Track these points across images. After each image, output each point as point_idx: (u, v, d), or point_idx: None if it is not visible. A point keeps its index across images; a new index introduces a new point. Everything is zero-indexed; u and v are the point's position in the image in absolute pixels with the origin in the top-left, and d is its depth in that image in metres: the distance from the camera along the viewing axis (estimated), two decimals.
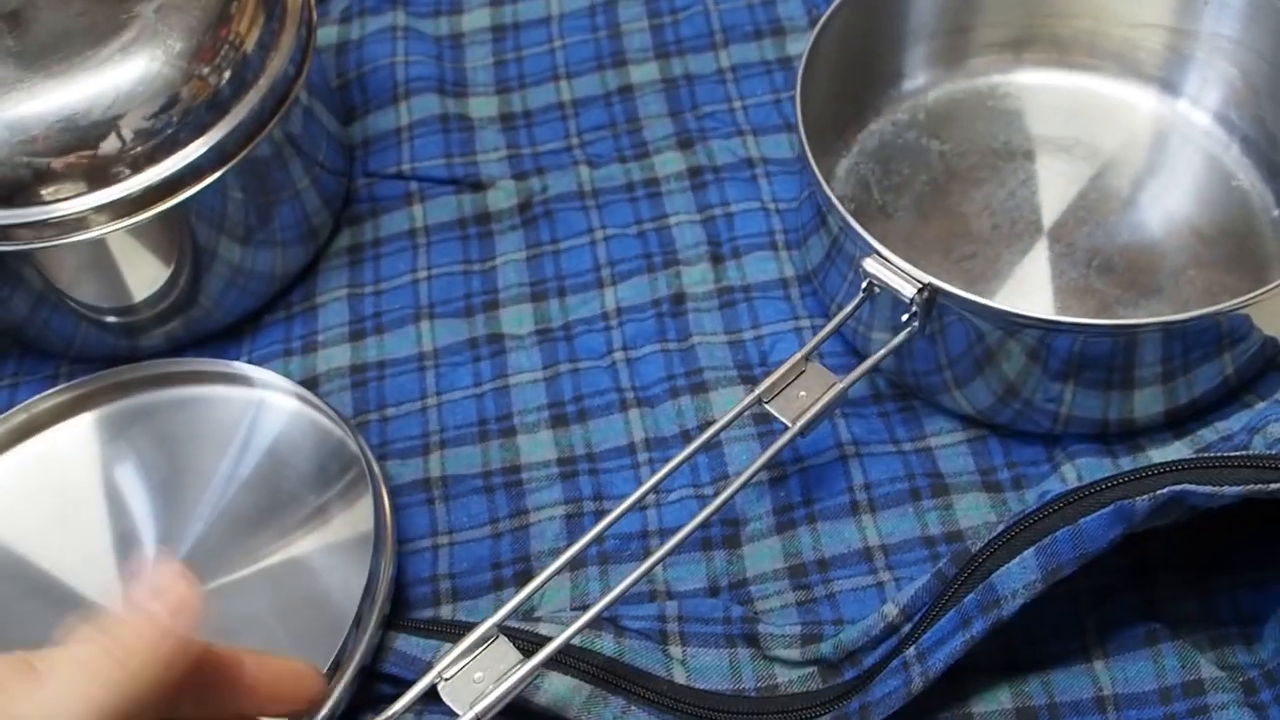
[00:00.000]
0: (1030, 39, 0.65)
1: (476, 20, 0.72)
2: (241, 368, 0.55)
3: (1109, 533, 0.41)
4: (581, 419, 0.55)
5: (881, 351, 0.50)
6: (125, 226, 0.53)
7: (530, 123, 0.66)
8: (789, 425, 0.48)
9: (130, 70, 0.51)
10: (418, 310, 0.59)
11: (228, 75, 0.54)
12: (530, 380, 0.57)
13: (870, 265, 0.50)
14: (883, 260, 0.49)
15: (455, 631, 0.47)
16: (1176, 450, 0.53)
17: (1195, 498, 0.41)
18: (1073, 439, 0.53)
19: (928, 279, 0.48)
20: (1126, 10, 0.62)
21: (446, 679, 0.42)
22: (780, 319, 0.58)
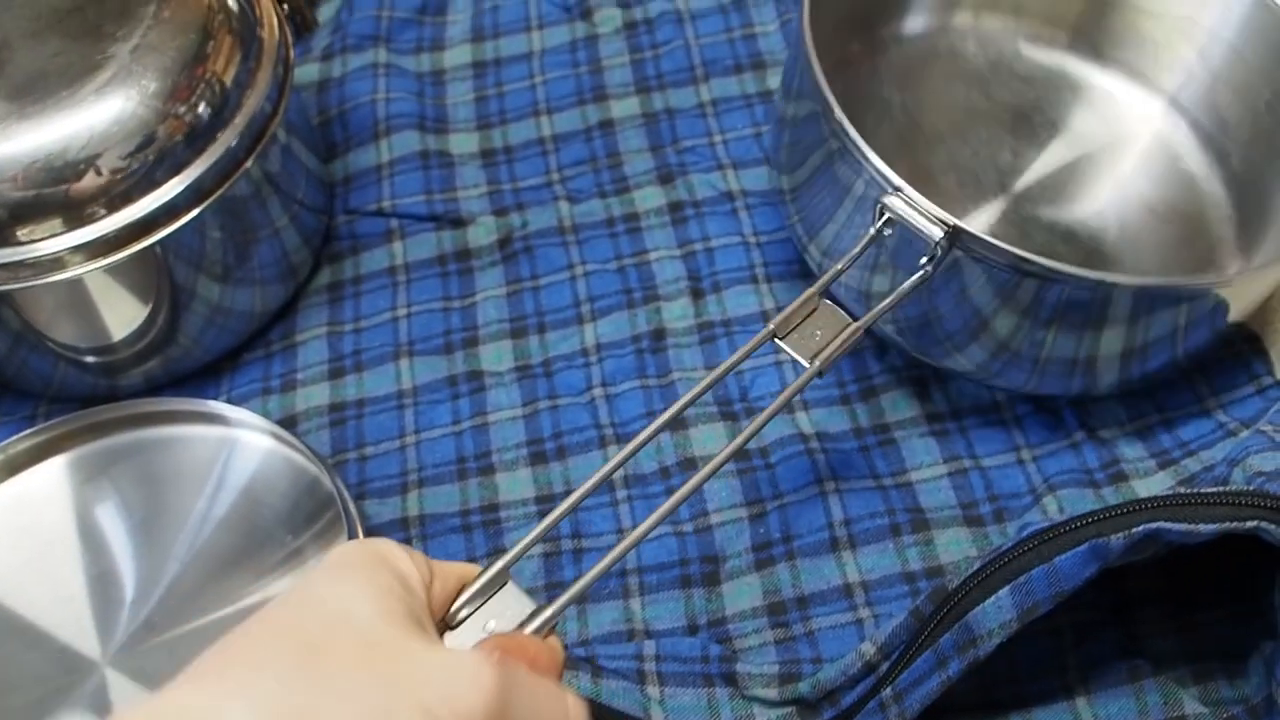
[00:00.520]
0: (993, 5, 0.66)
1: (458, 56, 0.72)
2: (217, 407, 0.55)
3: (1084, 570, 0.41)
4: (561, 456, 0.55)
5: (895, 294, 0.48)
6: (102, 266, 0.52)
7: (511, 158, 0.66)
8: (806, 364, 0.46)
9: (106, 110, 0.51)
10: (397, 348, 0.59)
11: (204, 114, 0.54)
12: (509, 417, 0.57)
13: (894, 203, 0.48)
14: (908, 200, 0.47)
15: None
16: (1160, 481, 0.53)
17: (1171, 535, 0.40)
18: (1050, 462, 0.53)
19: (954, 221, 0.46)
20: None
21: (452, 628, 0.38)
22: (761, 354, 0.58)
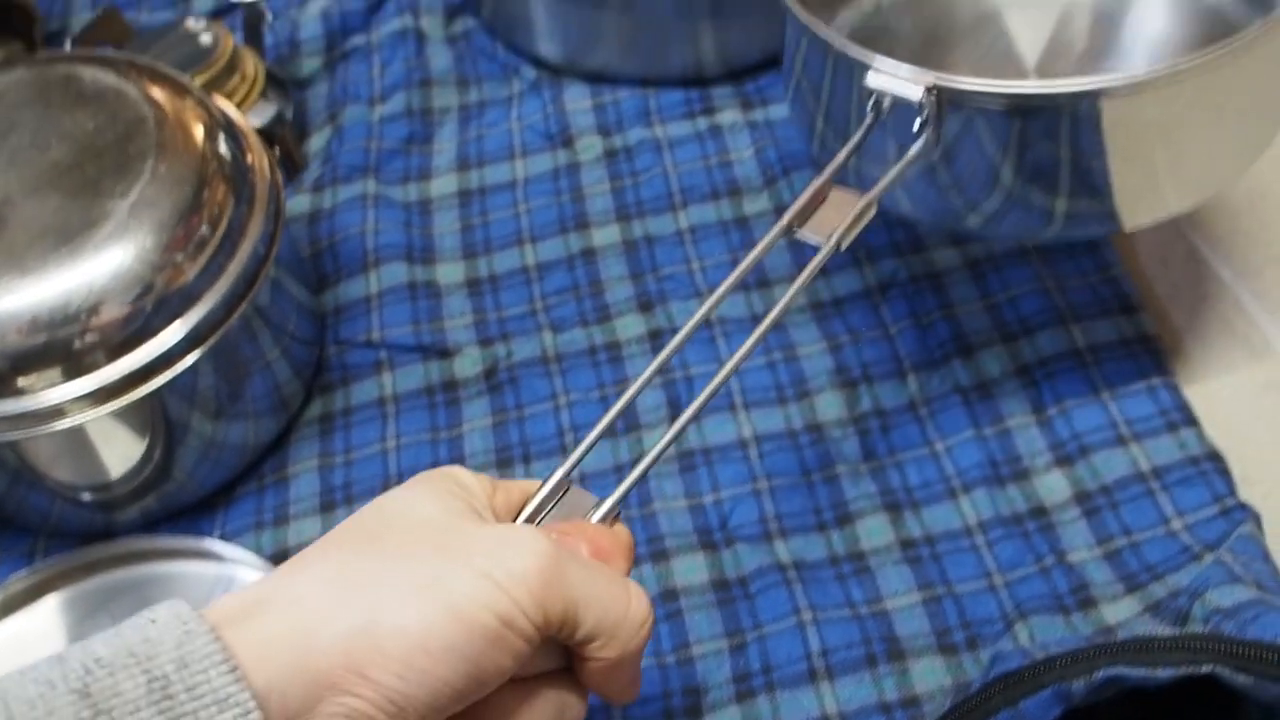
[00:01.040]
0: None
1: (444, 186, 0.74)
2: (211, 544, 0.57)
3: (1048, 713, 0.42)
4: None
5: (901, 163, 0.50)
6: (101, 413, 0.54)
7: (496, 287, 0.69)
8: (824, 243, 0.48)
9: (105, 265, 0.53)
10: (387, 480, 0.61)
11: (200, 263, 0.56)
12: None
13: (873, 79, 0.50)
14: (883, 71, 0.50)
15: None
16: (1128, 606, 0.55)
17: (1130, 679, 0.42)
18: (1021, 587, 0.55)
19: (934, 76, 0.48)
20: None
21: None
22: (740, 481, 0.59)
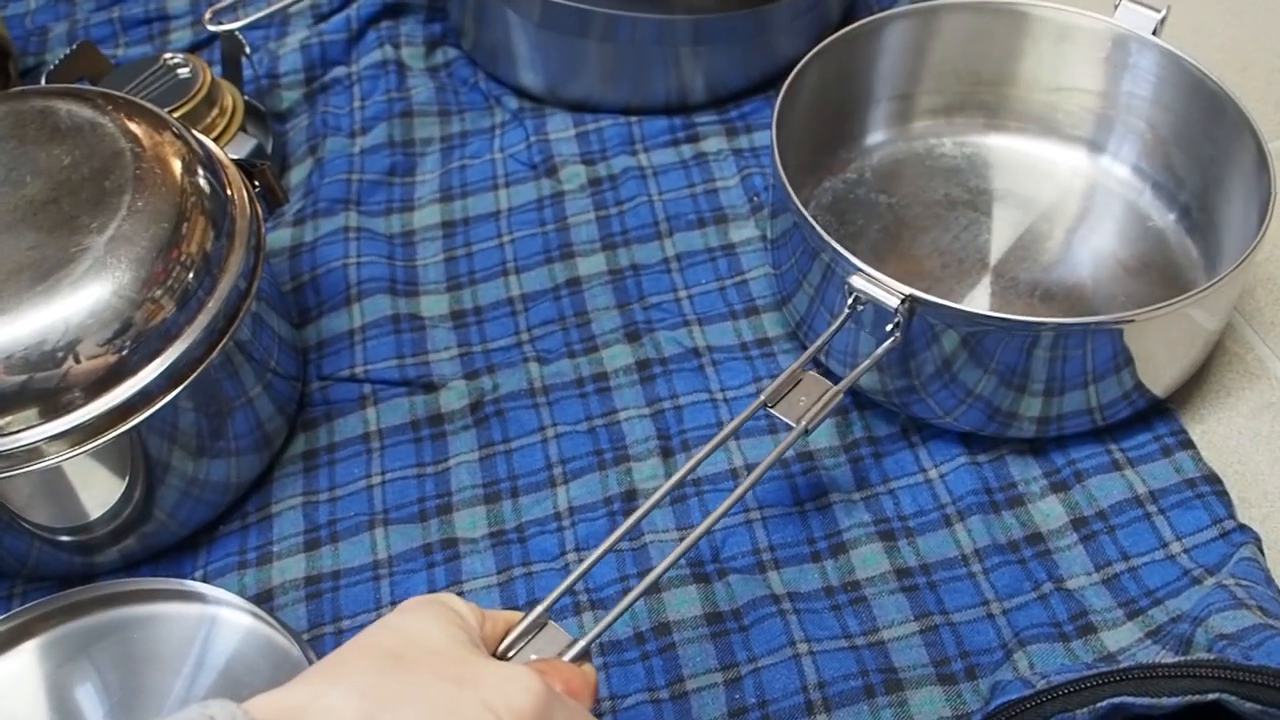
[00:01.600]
0: (962, 105, 0.72)
1: (427, 217, 0.73)
2: (193, 585, 0.56)
3: None
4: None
5: (871, 358, 0.55)
6: (80, 453, 0.53)
7: (481, 319, 0.68)
8: (793, 425, 0.52)
9: (82, 302, 0.52)
10: (372, 517, 0.60)
11: (179, 299, 0.55)
12: (484, 586, 0.57)
13: (857, 281, 0.55)
14: (867, 276, 0.55)
15: None
16: (1129, 632, 0.54)
17: (1135, 709, 0.41)
18: (1019, 615, 0.54)
19: (909, 290, 0.54)
20: (1048, 77, 0.70)
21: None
22: (732, 512, 0.58)
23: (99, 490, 0.56)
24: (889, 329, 0.55)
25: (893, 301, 0.54)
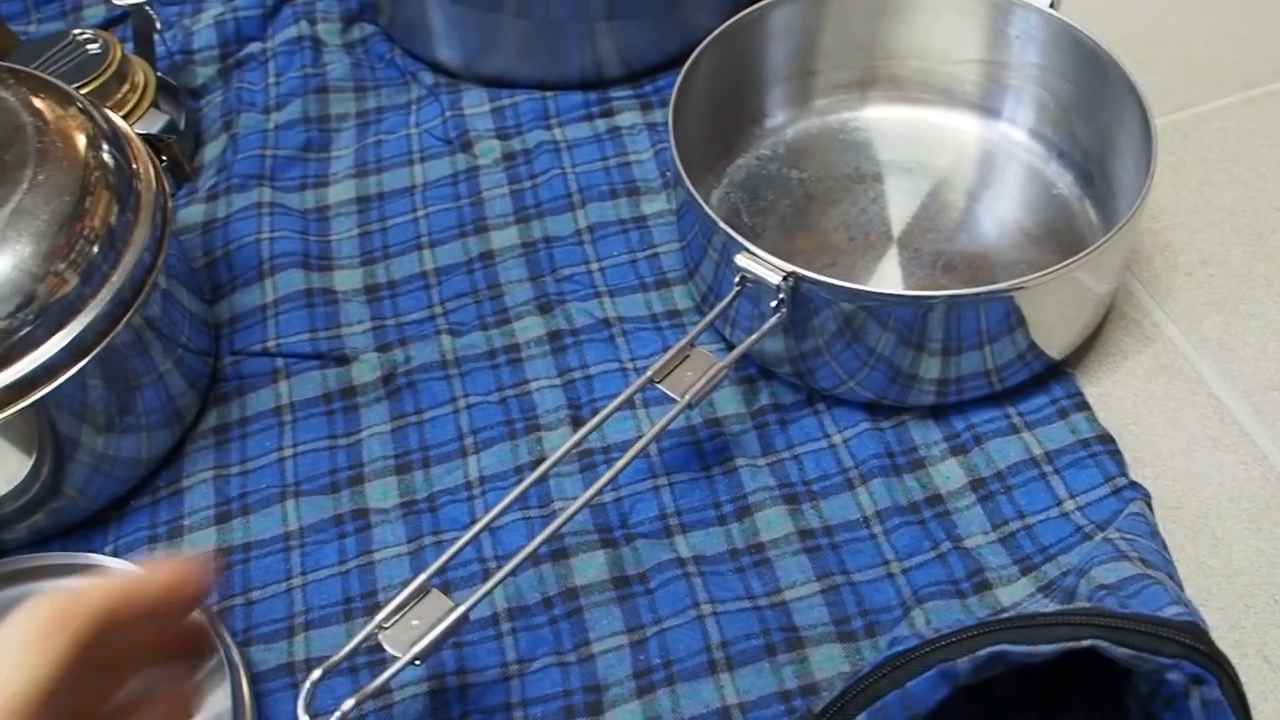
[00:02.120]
0: (871, 79, 0.74)
1: (342, 192, 0.74)
2: (98, 559, 0.56)
3: (935, 693, 0.43)
4: (446, 592, 0.56)
5: (756, 334, 0.57)
6: None
7: (394, 293, 0.68)
8: (678, 399, 0.54)
9: None
10: (284, 489, 0.60)
11: (83, 272, 0.54)
12: (395, 555, 0.58)
13: (742, 260, 0.56)
14: (751, 255, 0.56)
15: None
16: (1022, 587, 0.55)
17: (1014, 656, 0.42)
18: (918, 574, 0.55)
19: (790, 267, 0.55)
20: (948, 49, 0.72)
21: (385, 628, 0.46)
22: (640, 478, 0.59)
23: (5, 466, 0.56)
24: (773, 305, 0.56)
25: (775, 279, 0.55)
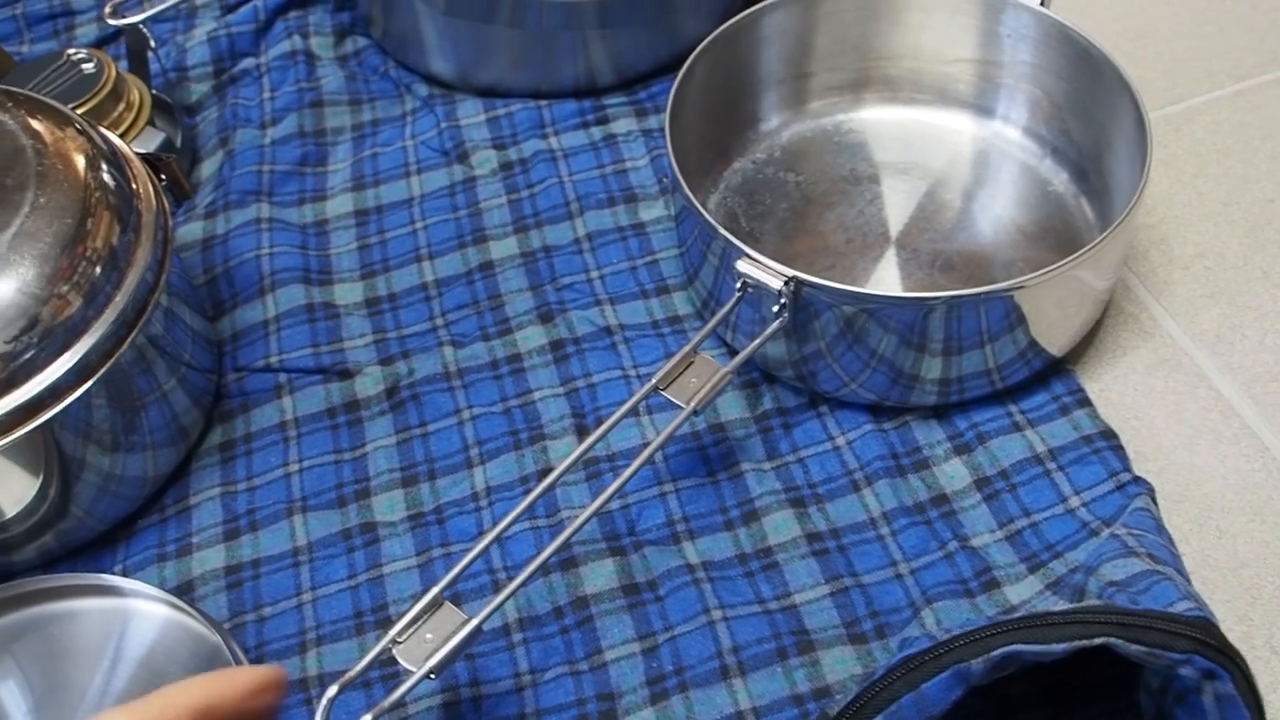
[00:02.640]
0: (865, 80, 0.74)
1: (340, 205, 0.74)
2: (109, 579, 0.56)
3: (950, 694, 0.43)
4: (456, 603, 0.56)
5: (759, 339, 0.57)
6: None
7: (395, 306, 0.68)
8: (683, 406, 0.54)
9: None
10: (290, 504, 0.60)
11: (86, 294, 0.55)
12: (404, 568, 0.58)
13: (743, 266, 0.57)
14: (753, 261, 0.56)
15: None
16: (1030, 585, 0.56)
17: (1027, 656, 0.43)
18: (926, 574, 0.56)
19: (792, 272, 0.55)
20: (941, 49, 0.72)
21: (399, 643, 0.45)
22: (647, 485, 0.60)
23: (13, 488, 0.56)
24: (775, 310, 0.56)
25: (776, 284, 0.56)
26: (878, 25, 0.72)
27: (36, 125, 0.58)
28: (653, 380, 0.54)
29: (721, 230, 0.57)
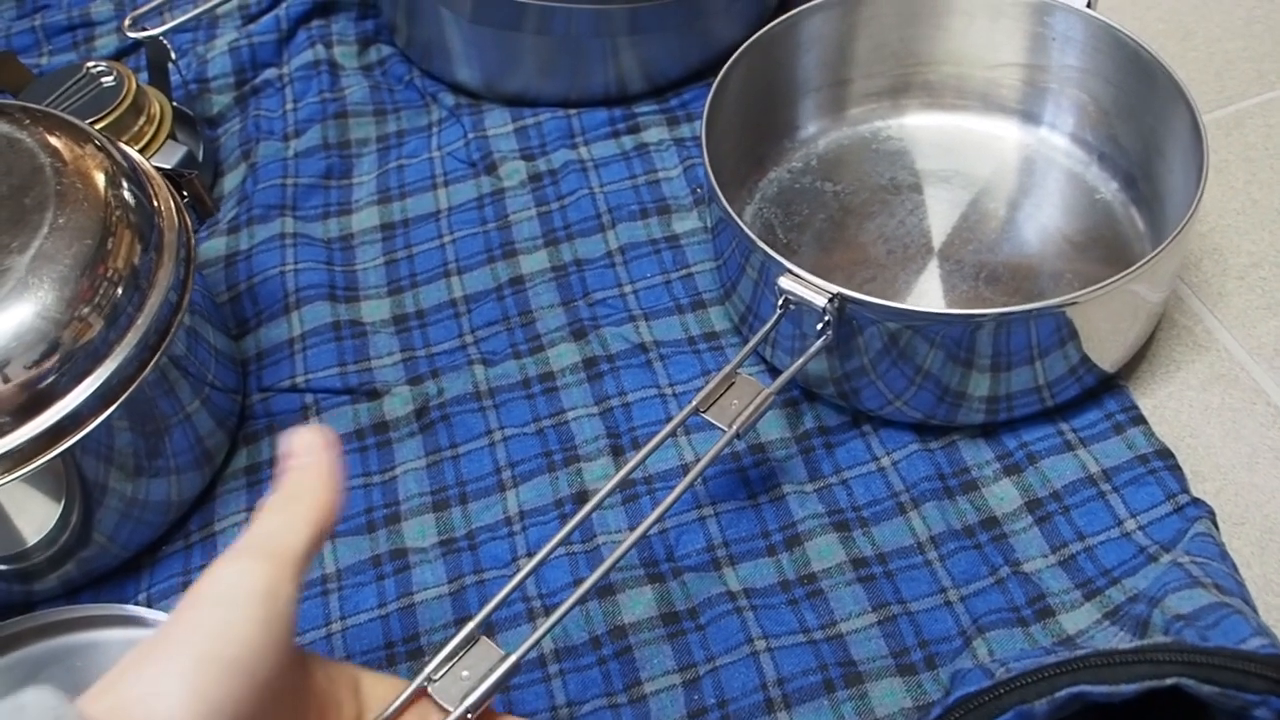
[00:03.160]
0: (905, 86, 0.72)
1: (366, 219, 0.72)
2: (133, 610, 0.54)
3: None
4: (489, 634, 0.54)
5: (802, 358, 0.55)
6: (12, 480, 0.51)
7: (423, 323, 0.66)
8: (725, 429, 0.52)
9: (5, 325, 0.50)
10: None
11: (107, 316, 0.53)
12: (436, 596, 0.56)
13: (785, 283, 0.54)
14: (795, 277, 0.54)
15: None
16: (1087, 613, 0.53)
17: (1094, 697, 0.41)
18: (977, 601, 0.53)
19: (836, 289, 0.53)
20: (984, 54, 0.70)
21: (434, 680, 0.43)
22: (686, 509, 0.58)
23: (34, 516, 0.55)
24: (819, 328, 0.54)
25: (820, 301, 0.54)
26: (919, 30, 0.69)
27: (55, 142, 0.57)
28: (693, 403, 0.52)
29: (761, 244, 0.55)
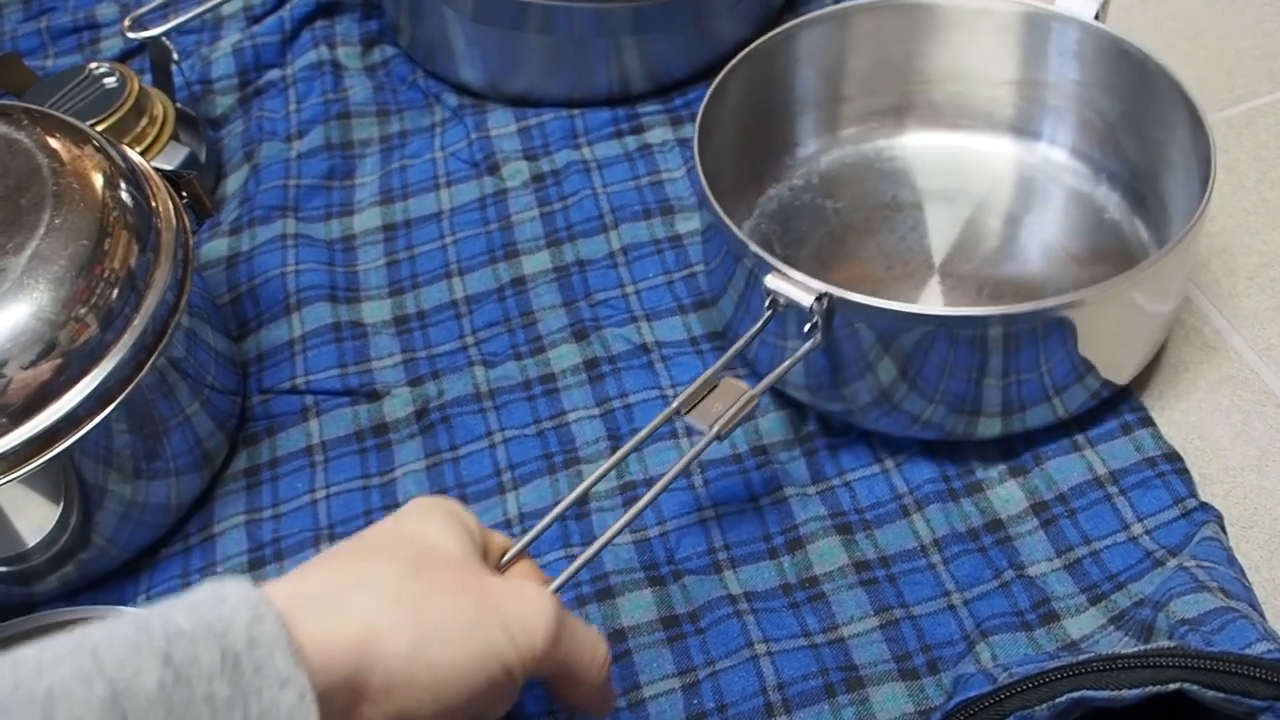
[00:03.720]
0: (906, 105, 0.70)
1: (368, 220, 0.72)
2: (130, 612, 0.54)
3: None
4: None
5: (790, 360, 0.53)
6: (9, 480, 0.51)
7: (424, 324, 0.66)
8: (706, 431, 0.50)
9: (1, 325, 0.50)
10: (317, 532, 0.58)
11: (103, 317, 0.53)
12: None
13: (772, 281, 0.53)
14: (782, 275, 0.53)
15: None
16: (1092, 618, 0.53)
17: (1096, 702, 0.40)
18: (981, 605, 0.53)
19: (824, 287, 0.52)
20: (986, 70, 0.68)
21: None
22: (686, 511, 0.57)
23: (33, 518, 0.55)
24: (807, 329, 0.53)
25: (807, 300, 0.52)
26: (918, 46, 0.68)
27: (53, 143, 0.57)
28: (673, 404, 0.51)
29: (751, 244, 0.54)
